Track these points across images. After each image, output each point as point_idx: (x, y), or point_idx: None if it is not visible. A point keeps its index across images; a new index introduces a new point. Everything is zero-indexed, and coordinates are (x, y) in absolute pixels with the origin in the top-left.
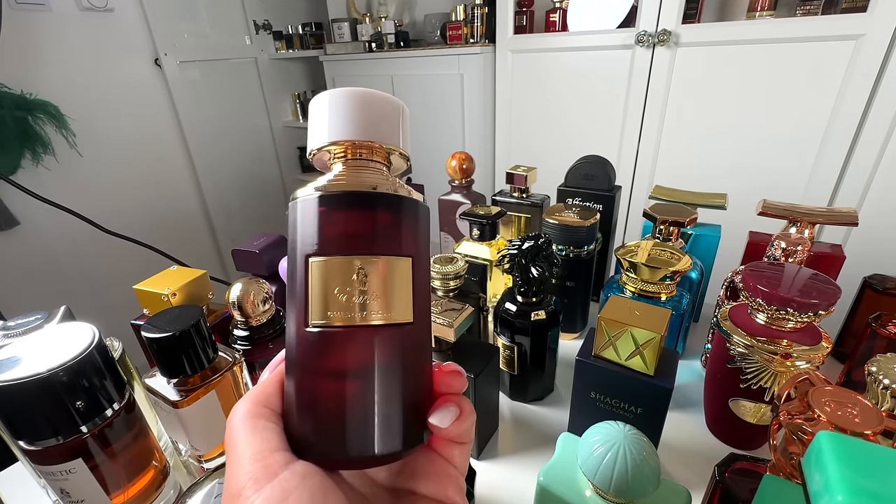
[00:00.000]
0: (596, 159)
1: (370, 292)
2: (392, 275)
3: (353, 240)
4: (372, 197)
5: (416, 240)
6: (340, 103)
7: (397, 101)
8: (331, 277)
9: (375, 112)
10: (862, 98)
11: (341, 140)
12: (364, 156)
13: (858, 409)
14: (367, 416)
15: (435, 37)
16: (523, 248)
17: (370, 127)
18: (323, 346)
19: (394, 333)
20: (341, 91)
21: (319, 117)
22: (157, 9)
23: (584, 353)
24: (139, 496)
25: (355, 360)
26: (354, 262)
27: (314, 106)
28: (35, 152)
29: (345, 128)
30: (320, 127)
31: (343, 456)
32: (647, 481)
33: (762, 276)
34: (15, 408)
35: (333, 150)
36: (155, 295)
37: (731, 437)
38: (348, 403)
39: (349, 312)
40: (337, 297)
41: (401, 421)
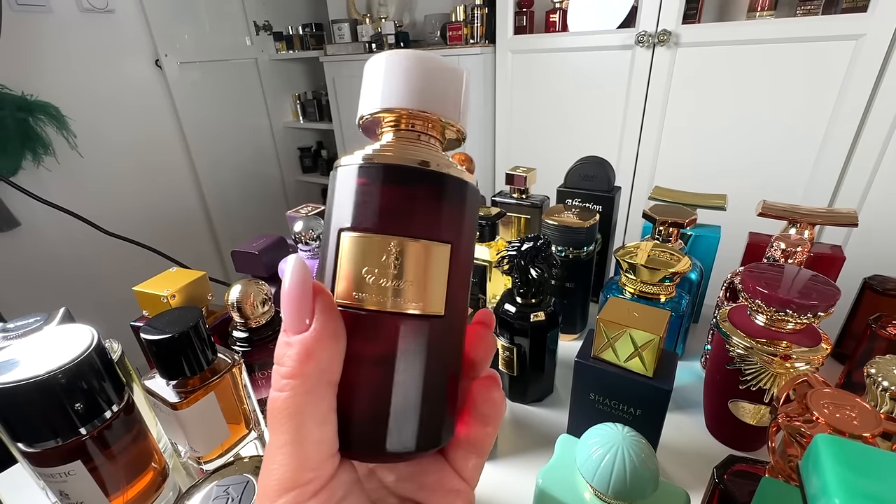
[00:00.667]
0: (595, 160)
1: (402, 277)
2: (428, 261)
3: (389, 218)
4: (415, 173)
5: (460, 226)
6: (399, 67)
7: (461, 70)
8: (362, 256)
9: (436, 81)
10: (862, 98)
11: (395, 108)
12: (417, 128)
13: (857, 411)
14: (379, 409)
15: (435, 37)
16: (522, 249)
17: (428, 97)
18: (348, 327)
19: (422, 325)
20: (401, 53)
21: (373, 81)
22: (157, 10)
23: (583, 354)
24: (138, 498)
25: (375, 347)
26: (389, 243)
27: (369, 67)
28: (36, 153)
29: (400, 95)
30: (373, 91)
31: (351, 447)
32: (645, 483)
33: (761, 277)
34: (14, 410)
35: (385, 118)
36: (154, 296)
37: (730, 439)
38: (358, 392)
39: (377, 296)
40: (365, 278)
41: (416, 419)
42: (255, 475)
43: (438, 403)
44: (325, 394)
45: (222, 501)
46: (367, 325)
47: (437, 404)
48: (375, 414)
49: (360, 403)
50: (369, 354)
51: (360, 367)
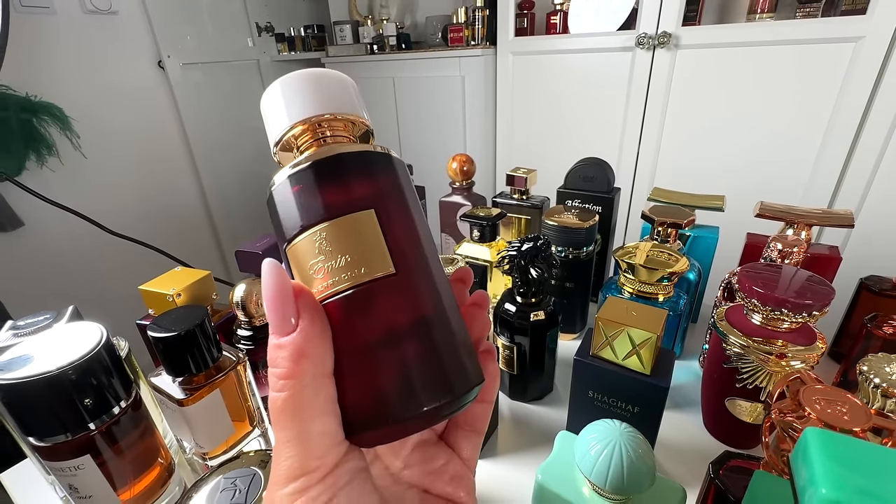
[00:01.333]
0: (595, 161)
1: (339, 255)
2: (356, 231)
3: (306, 215)
4: (308, 169)
5: (377, 190)
6: (285, 91)
7: (340, 73)
8: (302, 259)
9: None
10: (861, 100)
11: (288, 128)
12: (326, 134)
13: (848, 407)
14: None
15: (436, 39)
16: (522, 249)
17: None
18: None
19: (377, 287)
20: (280, 80)
21: (269, 114)
22: (160, 11)
23: (581, 352)
24: (145, 492)
25: (353, 328)
26: (314, 236)
27: (262, 108)
28: (39, 154)
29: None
30: (273, 123)
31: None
32: (642, 478)
33: (758, 277)
34: (25, 405)
35: (294, 135)
36: (160, 295)
37: (727, 436)
38: (359, 375)
39: (330, 282)
40: (312, 275)
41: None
42: (261, 468)
43: (442, 350)
44: (321, 387)
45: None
46: (337, 311)
47: (441, 352)
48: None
49: (367, 385)
50: (353, 336)
51: (349, 352)
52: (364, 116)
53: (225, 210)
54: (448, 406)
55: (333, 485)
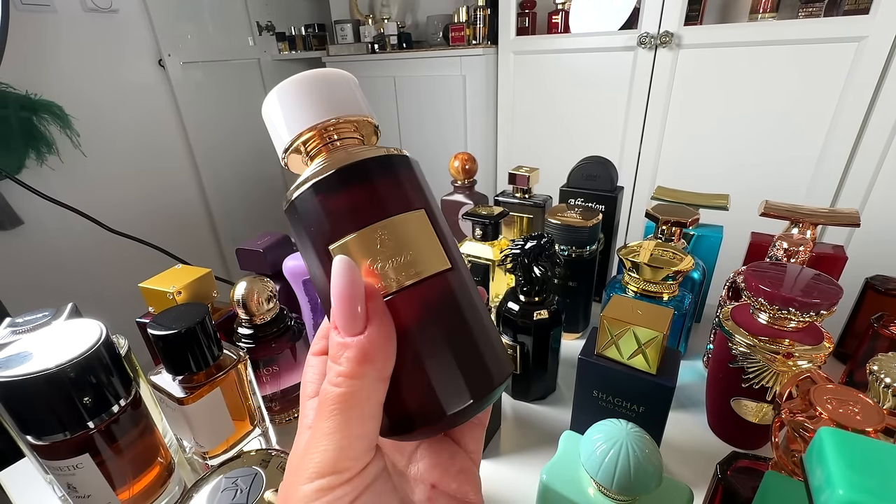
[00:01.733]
0: (598, 160)
1: (401, 252)
2: (413, 229)
3: (362, 212)
4: (362, 165)
5: (421, 191)
6: (289, 97)
7: (343, 72)
8: (359, 254)
9: (326, 91)
10: (864, 100)
11: (304, 130)
12: (335, 137)
13: (860, 406)
14: (447, 370)
15: (437, 38)
16: (526, 247)
17: (325, 106)
18: None
19: (439, 282)
20: (284, 85)
21: (276, 121)
22: (160, 10)
23: (586, 352)
24: (145, 492)
25: (417, 319)
26: (374, 231)
27: (266, 112)
28: (39, 152)
29: (303, 119)
30: (280, 128)
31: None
32: (649, 478)
33: (764, 275)
34: (23, 403)
35: (304, 145)
36: (160, 293)
37: (732, 437)
38: (437, 361)
39: (391, 278)
40: (373, 269)
41: (491, 356)
42: (263, 468)
43: (490, 339)
44: (376, 391)
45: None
46: (401, 306)
47: (490, 340)
48: (447, 376)
49: (430, 379)
50: (412, 331)
51: (421, 341)
52: (370, 114)
53: (224, 208)
54: (491, 396)
55: (359, 486)
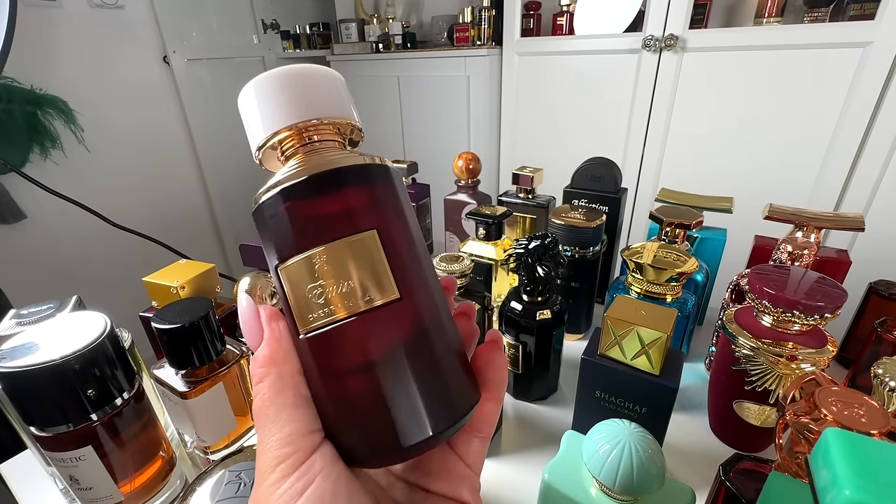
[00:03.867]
0: (602, 161)
1: (342, 281)
2: (358, 255)
3: (303, 235)
4: (306, 184)
5: (378, 208)
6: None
7: (331, 71)
8: (300, 280)
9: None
10: (869, 105)
11: (272, 133)
12: (314, 139)
13: (865, 409)
14: (383, 410)
15: (442, 38)
16: (530, 247)
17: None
18: (317, 350)
19: (381, 315)
20: (259, 78)
21: (248, 116)
22: (166, 7)
23: (589, 352)
24: (146, 486)
25: (352, 354)
26: (312, 259)
27: (241, 105)
28: (43, 147)
29: (280, 114)
30: (251, 127)
31: (373, 456)
32: (651, 479)
33: (768, 278)
34: (28, 394)
35: (279, 141)
36: (164, 287)
37: (734, 440)
38: (370, 400)
39: (328, 309)
40: (311, 299)
41: (425, 402)
42: None
43: (447, 371)
44: (288, 382)
45: (234, 486)
46: (335, 340)
47: (447, 372)
48: (382, 417)
49: (365, 414)
50: (351, 365)
51: (348, 380)
52: (353, 117)
53: (226, 204)
54: (452, 429)
55: (310, 470)
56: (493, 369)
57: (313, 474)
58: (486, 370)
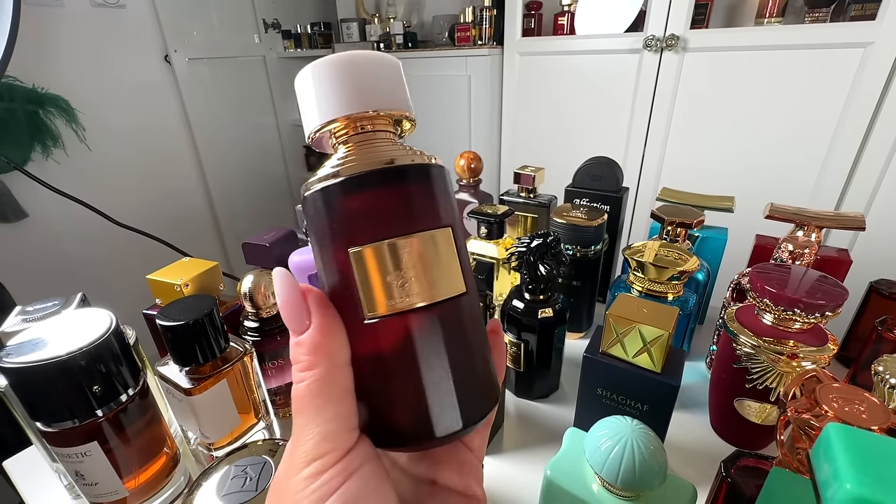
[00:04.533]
0: (604, 160)
1: (421, 271)
2: (438, 249)
3: (389, 221)
4: (398, 171)
5: (451, 207)
6: (326, 75)
7: (390, 58)
8: (381, 265)
9: (367, 77)
10: (870, 105)
11: (337, 117)
12: (367, 128)
13: (866, 405)
14: (460, 389)
15: (443, 38)
16: (532, 245)
17: (365, 95)
18: (385, 335)
19: (453, 306)
20: (325, 61)
21: (307, 96)
22: (167, 6)
23: (591, 350)
24: (151, 481)
25: (423, 342)
26: (398, 244)
27: (300, 84)
28: (45, 145)
29: (337, 103)
30: (310, 107)
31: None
32: (654, 475)
33: (770, 276)
34: (34, 389)
35: (333, 129)
36: (168, 285)
37: (735, 438)
38: (432, 384)
39: (406, 296)
40: (393, 284)
41: (485, 385)
42: (271, 457)
43: (488, 367)
44: (336, 376)
45: (241, 481)
46: (407, 326)
47: (488, 368)
48: (436, 401)
49: (417, 398)
50: (416, 352)
51: (410, 365)
52: (409, 109)
53: (227, 203)
54: (479, 422)
55: (346, 469)
56: (495, 352)
57: (348, 472)
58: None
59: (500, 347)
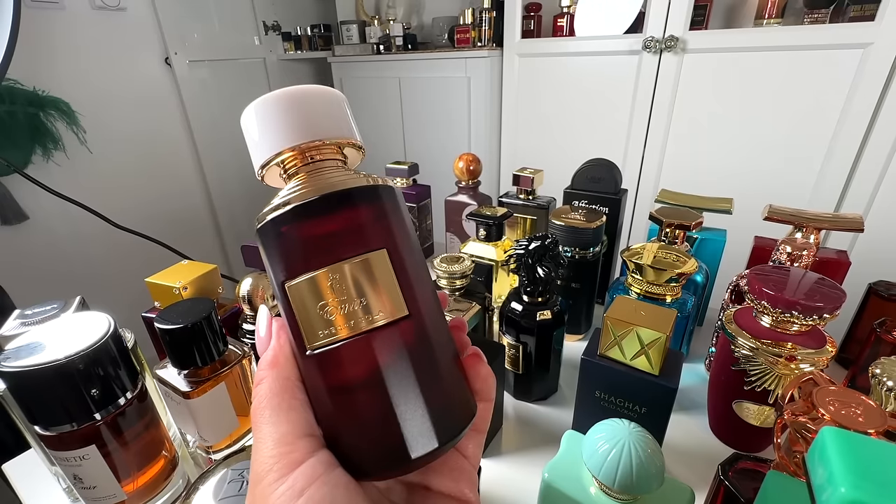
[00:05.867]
0: (603, 163)
1: (354, 298)
2: (369, 274)
3: (317, 252)
4: (317, 203)
5: (387, 227)
6: (267, 112)
7: (327, 89)
8: (307, 299)
9: (306, 110)
10: (869, 106)
11: (279, 151)
12: (316, 158)
13: (862, 408)
14: (390, 425)
15: (443, 40)
16: (530, 247)
17: (305, 128)
18: (327, 366)
19: (392, 332)
20: (264, 99)
21: (252, 135)
22: (167, 8)
23: (589, 352)
24: (149, 485)
25: (363, 369)
26: (324, 277)
27: (245, 124)
28: (46, 148)
29: (280, 137)
30: (255, 145)
31: (380, 469)
32: (651, 478)
33: (768, 279)
34: (32, 393)
35: (277, 164)
36: (167, 288)
37: (733, 440)
38: (380, 414)
39: (342, 326)
40: (321, 316)
41: (430, 415)
42: None
43: (450, 388)
44: (286, 387)
45: (237, 485)
46: (346, 356)
47: (449, 389)
48: (392, 430)
49: (374, 428)
50: (362, 380)
51: (358, 394)
52: (356, 137)
53: (228, 205)
54: (457, 438)
55: (310, 473)
56: (479, 381)
57: (313, 476)
58: (473, 382)
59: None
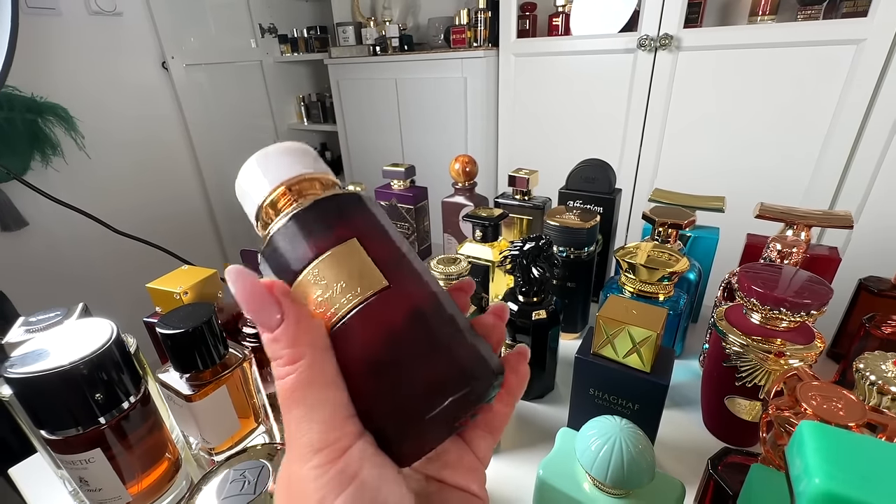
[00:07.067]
0: (597, 163)
1: (338, 281)
2: (347, 259)
3: (297, 259)
4: (293, 219)
5: (354, 222)
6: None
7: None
8: (306, 296)
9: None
10: (863, 103)
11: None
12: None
13: (843, 402)
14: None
15: (439, 40)
16: (524, 248)
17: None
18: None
19: (380, 300)
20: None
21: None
22: (164, 13)
23: (582, 351)
24: (153, 486)
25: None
26: (309, 274)
27: (239, 188)
28: (44, 154)
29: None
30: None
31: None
32: (642, 473)
33: (757, 276)
34: (38, 398)
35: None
36: (167, 293)
37: (726, 434)
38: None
39: (336, 305)
40: (318, 306)
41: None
42: (269, 461)
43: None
44: (324, 362)
45: (239, 485)
46: (348, 331)
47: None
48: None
49: (394, 392)
50: (366, 351)
51: (367, 367)
52: (328, 174)
53: (226, 209)
54: (473, 394)
55: (360, 456)
56: (515, 376)
57: (363, 460)
58: (510, 375)
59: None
